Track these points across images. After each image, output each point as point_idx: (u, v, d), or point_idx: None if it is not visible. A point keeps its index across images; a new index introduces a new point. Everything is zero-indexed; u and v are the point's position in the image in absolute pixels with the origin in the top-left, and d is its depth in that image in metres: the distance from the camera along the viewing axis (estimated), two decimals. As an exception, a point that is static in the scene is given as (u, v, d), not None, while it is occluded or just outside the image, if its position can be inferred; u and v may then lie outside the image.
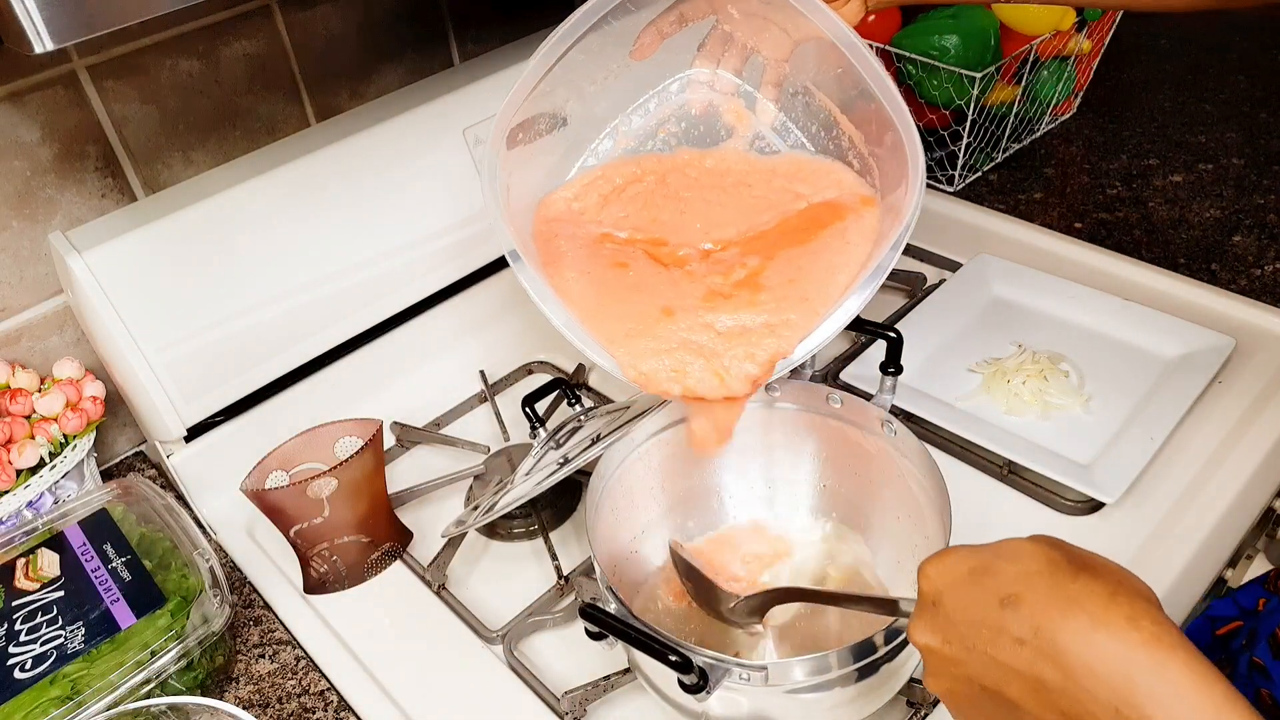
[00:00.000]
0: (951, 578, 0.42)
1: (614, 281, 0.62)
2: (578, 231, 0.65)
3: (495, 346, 1.00)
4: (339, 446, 0.78)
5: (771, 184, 0.66)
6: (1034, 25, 1.11)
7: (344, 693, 0.70)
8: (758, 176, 0.67)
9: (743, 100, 0.68)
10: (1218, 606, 0.69)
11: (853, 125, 0.64)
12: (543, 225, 0.65)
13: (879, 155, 0.62)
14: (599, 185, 0.67)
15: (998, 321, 0.95)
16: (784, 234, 0.63)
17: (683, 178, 0.67)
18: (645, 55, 0.64)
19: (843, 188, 0.65)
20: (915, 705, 0.64)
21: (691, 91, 0.68)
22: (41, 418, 0.80)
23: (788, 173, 0.67)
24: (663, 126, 0.68)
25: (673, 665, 0.52)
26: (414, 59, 1.01)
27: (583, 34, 0.59)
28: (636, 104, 0.67)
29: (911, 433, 0.65)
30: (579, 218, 0.66)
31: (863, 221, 0.62)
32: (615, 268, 0.62)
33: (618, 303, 0.61)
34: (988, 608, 0.40)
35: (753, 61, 0.67)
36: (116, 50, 0.81)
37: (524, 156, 0.63)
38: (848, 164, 0.66)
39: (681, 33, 0.65)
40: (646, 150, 0.68)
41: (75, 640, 0.67)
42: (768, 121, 0.68)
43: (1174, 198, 1.10)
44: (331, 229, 0.87)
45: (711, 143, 0.69)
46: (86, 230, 0.80)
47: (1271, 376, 0.86)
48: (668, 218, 0.65)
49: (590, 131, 0.68)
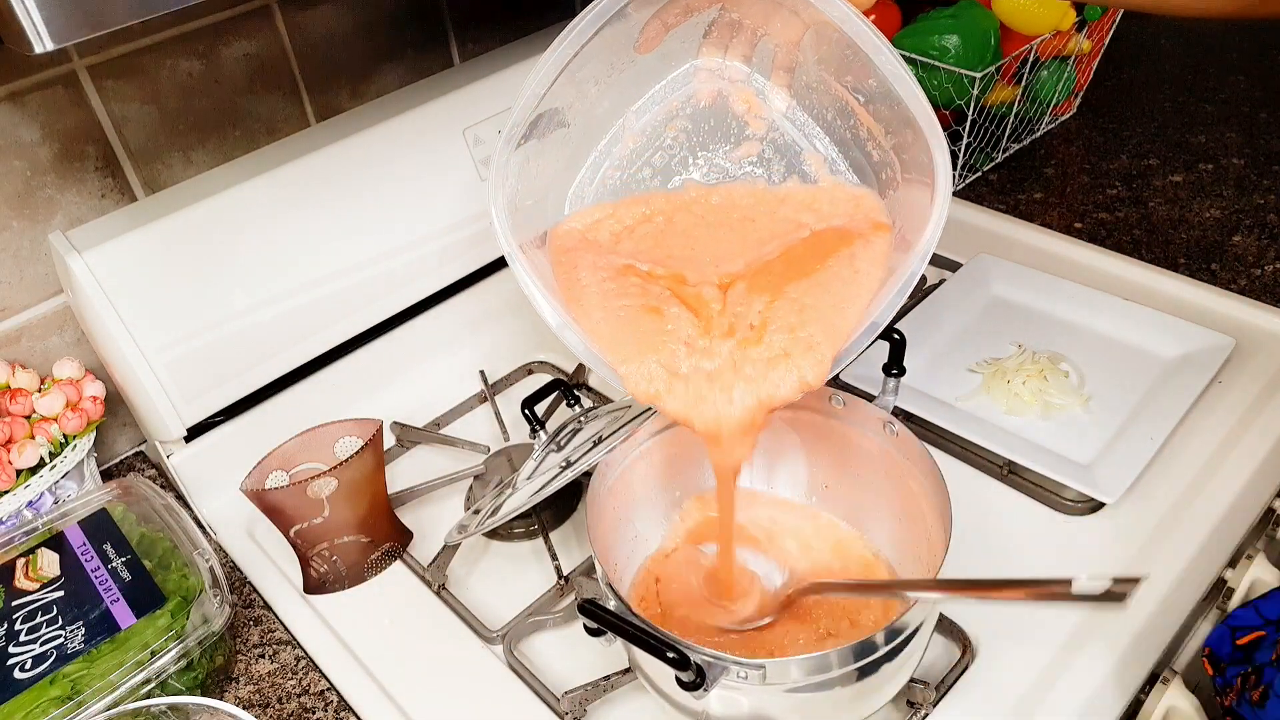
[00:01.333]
0: None
1: (638, 319, 0.61)
2: (599, 261, 0.63)
3: (495, 346, 1.01)
4: (339, 446, 0.78)
5: (777, 215, 0.65)
6: (1034, 25, 1.11)
7: (344, 693, 0.70)
8: (764, 209, 0.65)
9: (754, 87, 0.65)
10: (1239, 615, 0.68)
11: (870, 117, 0.61)
12: (560, 255, 0.64)
13: (901, 146, 0.59)
14: (609, 224, 0.65)
15: (998, 321, 0.95)
16: (789, 265, 0.62)
17: (690, 215, 0.66)
18: (650, 48, 0.62)
19: (854, 213, 0.63)
20: (915, 705, 0.64)
21: (699, 82, 0.65)
22: (41, 418, 0.80)
23: (797, 202, 0.65)
24: (671, 123, 0.66)
25: (670, 662, 0.52)
26: (414, 59, 1.01)
27: (589, 38, 0.57)
28: (642, 100, 0.65)
29: (913, 434, 0.65)
30: (597, 248, 0.64)
31: (872, 248, 0.61)
32: (641, 307, 0.61)
33: (640, 335, 0.60)
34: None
35: (762, 49, 0.64)
36: (116, 50, 0.81)
37: (528, 163, 0.62)
38: (867, 154, 0.63)
39: (688, 24, 0.62)
40: (656, 146, 0.66)
41: (75, 640, 0.67)
42: (780, 109, 0.65)
43: (1174, 198, 1.10)
44: (331, 229, 0.87)
45: (724, 136, 0.66)
46: (86, 230, 0.80)
47: (1271, 376, 0.86)
48: (680, 254, 0.64)
49: (596, 132, 0.66)
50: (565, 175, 0.66)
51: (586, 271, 0.63)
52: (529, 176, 0.62)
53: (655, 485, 0.73)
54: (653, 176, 0.66)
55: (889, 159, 0.61)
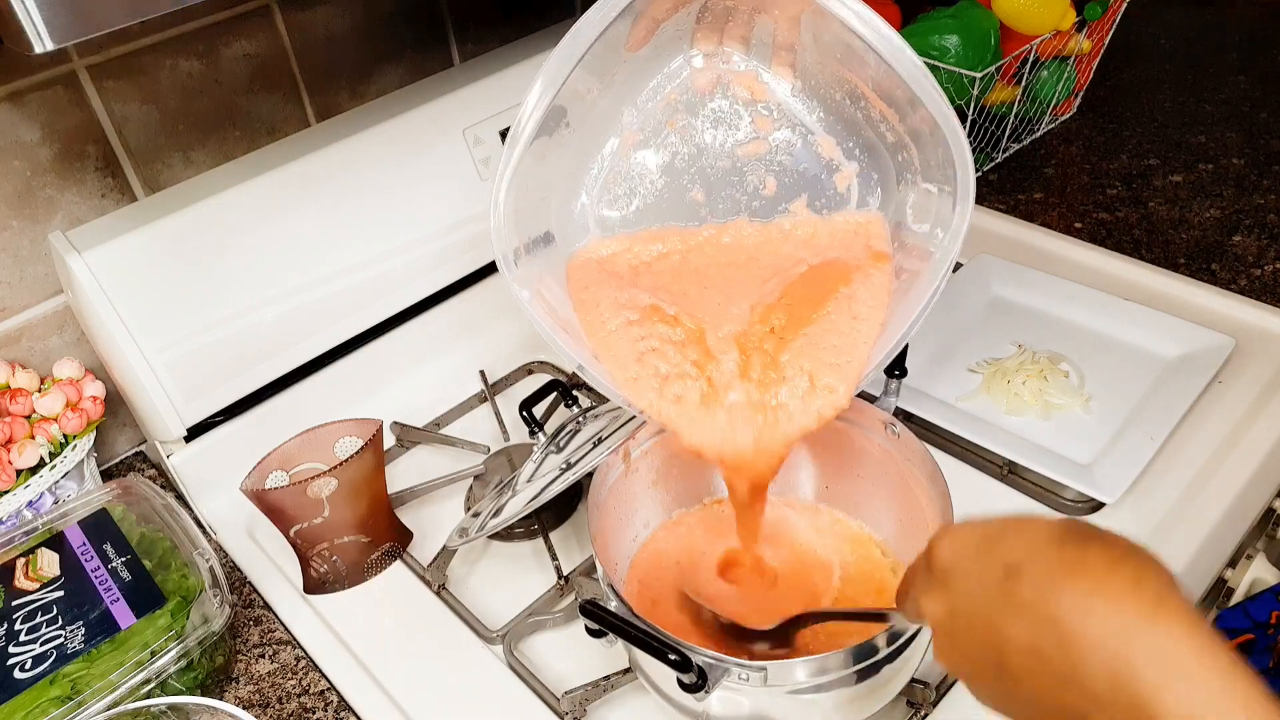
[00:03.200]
0: (961, 549, 0.42)
1: (661, 357, 0.61)
2: (620, 298, 0.63)
3: (495, 346, 1.00)
4: (339, 446, 0.78)
5: (780, 253, 0.64)
6: (1034, 25, 1.11)
7: (344, 693, 0.70)
8: (770, 247, 0.64)
9: (755, 72, 0.62)
10: (1227, 617, 0.68)
11: (881, 100, 0.59)
12: (580, 292, 0.63)
13: (916, 133, 0.58)
14: (627, 257, 0.65)
15: (998, 321, 0.95)
16: (797, 304, 0.62)
17: (703, 255, 0.65)
18: (640, 44, 0.59)
19: (853, 245, 0.62)
20: (915, 705, 0.64)
21: (696, 74, 0.62)
22: (41, 418, 0.80)
23: (799, 239, 0.64)
24: (671, 118, 0.63)
25: (672, 664, 0.52)
26: (414, 59, 1.01)
27: (585, 52, 0.55)
28: (640, 97, 0.63)
29: (914, 435, 0.65)
30: (618, 281, 0.64)
31: (872, 283, 0.60)
32: (664, 346, 0.62)
33: (663, 376, 0.61)
34: (993, 577, 0.39)
35: (760, 31, 0.60)
36: (116, 50, 0.81)
37: (530, 171, 0.60)
38: (880, 135, 0.60)
39: (679, 15, 0.59)
40: (659, 144, 0.63)
41: (75, 640, 0.67)
42: (785, 91, 0.62)
43: (1174, 198, 1.10)
44: (331, 229, 0.87)
45: (728, 126, 0.63)
46: (86, 230, 0.80)
47: (1271, 376, 0.86)
48: (694, 294, 0.64)
49: (598, 134, 0.64)
50: (568, 186, 0.64)
51: (609, 310, 0.62)
52: (530, 189, 0.60)
53: (656, 486, 0.73)
54: (659, 178, 0.65)
55: (904, 141, 0.59)
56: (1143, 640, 0.34)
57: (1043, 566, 0.38)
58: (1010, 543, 0.40)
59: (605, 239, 0.64)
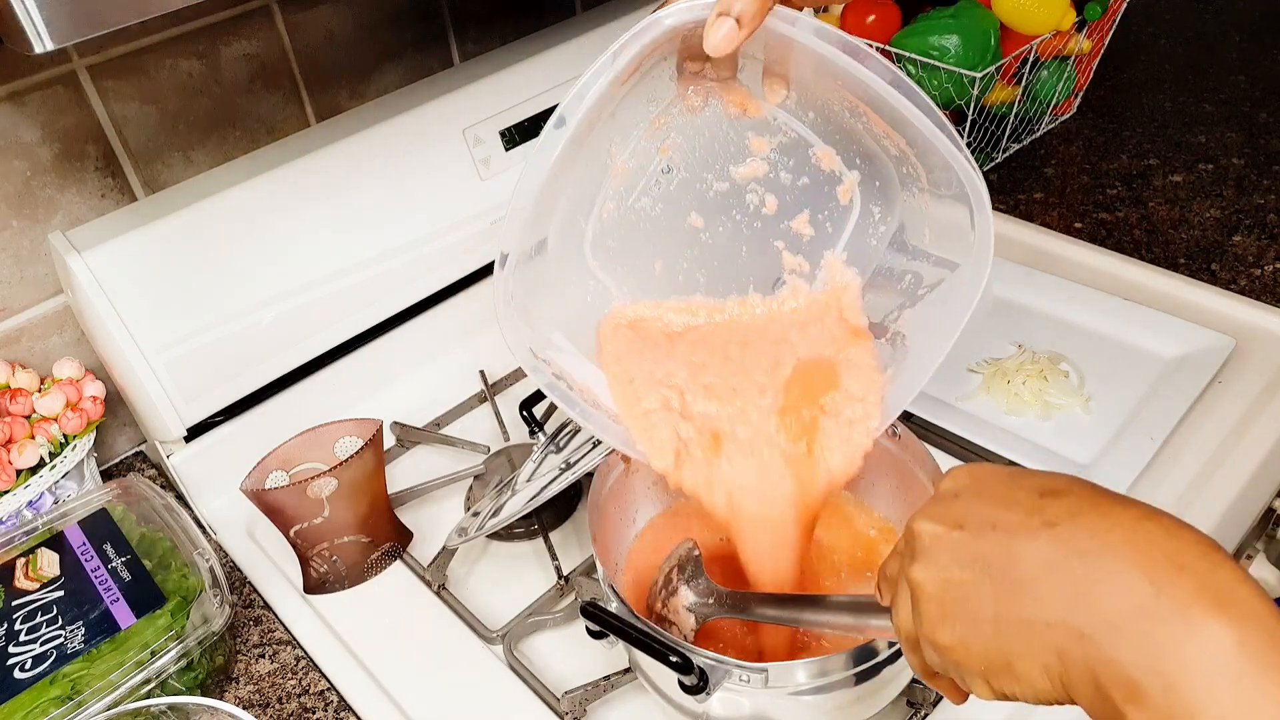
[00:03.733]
0: (984, 475, 0.42)
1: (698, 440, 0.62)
2: (656, 372, 0.62)
3: (495, 346, 1.00)
4: (339, 446, 0.78)
5: (769, 335, 0.63)
6: (1034, 25, 1.11)
7: (344, 693, 0.70)
8: (772, 333, 0.64)
9: (747, 89, 0.59)
10: None
11: (879, 117, 0.56)
12: (611, 363, 0.62)
13: (918, 149, 0.57)
14: (658, 323, 0.63)
15: (998, 321, 0.95)
16: (804, 391, 0.62)
17: (730, 333, 0.64)
18: (629, 76, 0.54)
19: (829, 323, 0.62)
20: (915, 706, 0.64)
21: (682, 90, 0.58)
22: (41, 418, 0.80)
23: (787, 321, 0.63)
24: (664, 144, 0.60)
25: (673, 666, 0.52)
26: (414, 59, 1.01)
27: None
28: (630, 125, 0.59)
29: (914, 435, 0.65)
30: (654, 354, 0.63)
31: (855, 369, 0.60)
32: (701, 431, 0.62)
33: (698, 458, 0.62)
34: (1025, 495, 0.39)
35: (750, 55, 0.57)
36: (116, 50, 0.81)
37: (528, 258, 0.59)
38: (883, 147, 0.59)
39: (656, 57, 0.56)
40: (653, 172, 0.61)
41: (75, 640, 0.67)
42: (778, 103, 0.59)
43: (1174, 198, 1.10)
44: (331, 229, 0.87)
45: (722, 147, 0.61)
46: (86, 230, 0.80)
47: (1271, 376, 0.86)
48: (721, 371, 0.63)
49: (591, 171, 0.60)
50: (566, 226, 0.61)
51: (644, 385, 0.62)
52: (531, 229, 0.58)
53: (656, 485, 0.73)
54: (654, 206, 0.62)
55: (907, 155, 0.58)
56: (1191, 570, 0.34)
57: (1087, 497, 0.38)
58: (1047, 478, 0.40)
59: (631, 305, 0.63)
